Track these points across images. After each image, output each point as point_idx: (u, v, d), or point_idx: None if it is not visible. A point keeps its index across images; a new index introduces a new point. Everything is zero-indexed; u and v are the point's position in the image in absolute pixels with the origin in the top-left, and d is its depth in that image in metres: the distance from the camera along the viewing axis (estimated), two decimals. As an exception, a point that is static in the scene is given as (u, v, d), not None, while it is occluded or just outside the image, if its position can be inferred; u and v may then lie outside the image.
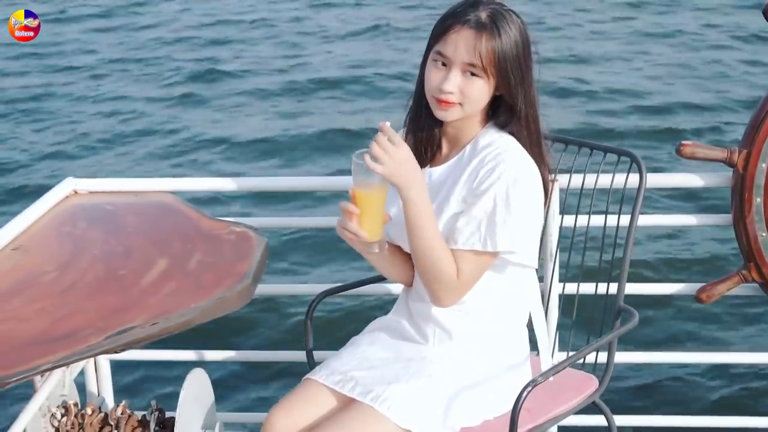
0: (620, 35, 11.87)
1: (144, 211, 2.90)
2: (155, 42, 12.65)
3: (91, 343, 2.05)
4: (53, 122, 9.61)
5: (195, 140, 8.81)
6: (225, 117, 9.56)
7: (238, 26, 13.35)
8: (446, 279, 2.22)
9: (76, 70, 11.42)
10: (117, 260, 2.52)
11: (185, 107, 9.90)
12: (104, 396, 3.24)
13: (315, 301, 2.70)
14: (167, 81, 10.83)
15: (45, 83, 10.91)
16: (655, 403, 3.98)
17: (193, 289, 2.33)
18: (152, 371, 4.31)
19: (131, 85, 10.82)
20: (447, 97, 2.20)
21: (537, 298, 2.48)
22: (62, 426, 2.60)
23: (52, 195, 2.99)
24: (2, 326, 2.17)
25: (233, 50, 12.11)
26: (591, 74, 10.23)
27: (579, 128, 8.36)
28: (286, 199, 6.78)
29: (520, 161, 2.22)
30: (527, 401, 2.44)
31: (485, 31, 2.16)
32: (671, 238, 5.67)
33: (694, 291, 2.96)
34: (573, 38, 11.75)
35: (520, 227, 2.20)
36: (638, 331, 4.48)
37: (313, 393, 2.37)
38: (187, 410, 2.54)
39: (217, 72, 11.01)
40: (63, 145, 8.85)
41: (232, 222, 2.76)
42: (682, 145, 2.82)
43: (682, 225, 3.03)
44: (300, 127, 8.93)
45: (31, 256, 2.58)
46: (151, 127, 9.31)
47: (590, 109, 9.11)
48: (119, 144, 8.85)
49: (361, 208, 2.14)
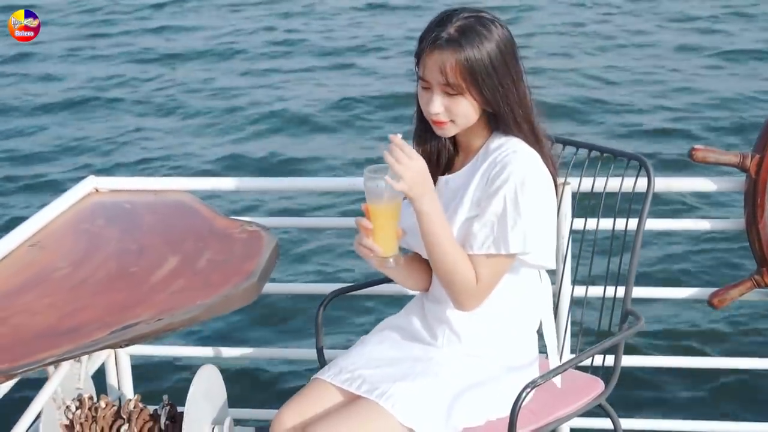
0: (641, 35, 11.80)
1: (161, 210, 2.96)
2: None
3: (96, 338, 2.11)
4: (90, 118, 9.77)
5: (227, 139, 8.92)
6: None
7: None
8: (466, 284, 2.24)
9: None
10: (129, 258, 2.57)
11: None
12: (123, 390, 3.31)
13: (326, 300, 2.74)
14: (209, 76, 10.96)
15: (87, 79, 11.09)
16: (662, 408, 3.96)
17: (200, 287, 2.38)
18: (173, 367, 4.39)
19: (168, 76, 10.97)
20: (437, 118, 2.24)
21: (548, 300, 2.49)
22: (76, 418, 2.66)
23: (72, 193, 3.06)
24: (13, 320, 2.23)
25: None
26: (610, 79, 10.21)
27: (598, 131, 8.36)
28: (306, 198, 6.84)
29: (527, 162, 2.23)
30: (531, 402, 2.47)
31: (450, 48, 2.16)
32: (684, 243, 5.64)
33: (707, 296, 2.95)
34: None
35: (532, 227, 2.21)
36: (649, 335, 4.51)
37: (322, 392, 2.40)
38: (195, 405, 2.59)
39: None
40: (96, 142, 9.00)
41: (245, 221, 2.81)
42: (695, 150, 2.82)
43: (694, 229, 3.01)
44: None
45: (47, 252, 2.64)
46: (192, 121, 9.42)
47: (609, 111, 9.10)
48: (156, 141, 8.97)
49: (374, 223, 2.17)
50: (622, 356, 2.60)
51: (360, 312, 4.74)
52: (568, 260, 2.91)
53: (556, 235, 2.34)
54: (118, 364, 3.29)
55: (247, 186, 3.39)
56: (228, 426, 2.68)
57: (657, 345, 4.34)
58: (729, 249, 5.51)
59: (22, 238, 2.72)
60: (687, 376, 4.15)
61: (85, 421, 2.66)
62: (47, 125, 9.62)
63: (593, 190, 2.72)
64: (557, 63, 10.73)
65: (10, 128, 9.58)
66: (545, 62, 10.61)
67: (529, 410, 2.46)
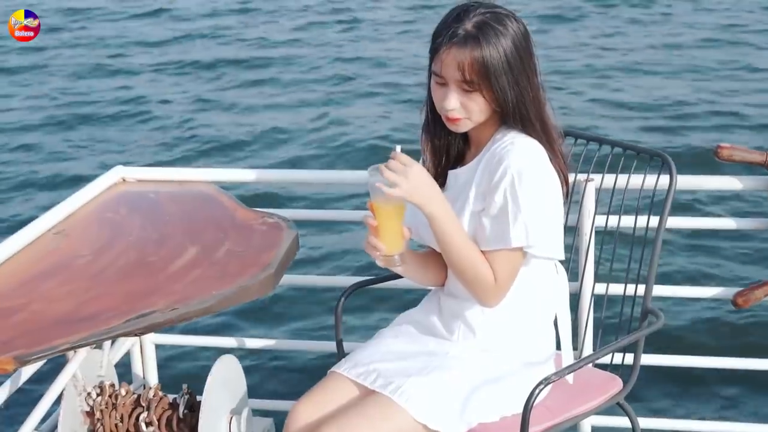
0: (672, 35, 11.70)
1: (184, 200, 2.99)
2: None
3: (111, 326, 2.13)
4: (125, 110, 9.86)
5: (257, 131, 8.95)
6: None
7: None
8: (485, 282, 2.24)
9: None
10: (149, 247, 2.60)
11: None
12: (148, 378, 3.35)
13: (345, 293, 2.74)
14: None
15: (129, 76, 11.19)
16: (682, 408, 3.92)
17: (217, 277, 2.39)
18: (199, 356, 4.43)
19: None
20: (451, 114, 2.23)
21: (564, 296, 2.48)
22: (96, 405, 2.69)
23: (100, 182, 3.09)
24: (32, 306, 2.27)
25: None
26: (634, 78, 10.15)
27: (624, 127, 8.29)
28: (332, 191, 6.85)
29: (524, 154, 2.21)
30: (548, 399, 2.46)
31: (468, 45, 2.15)
32: (710, 241, 5.58)
33: (731, 295, 2.92)
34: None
35: (532, 220, 2.20)
36: (672, 334, 4.46)
37: (337, 385, 2.41)
38: (213, 394, 2.61)
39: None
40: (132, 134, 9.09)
41: (266, 213, 2.82)
42: (720, 147, 2.79)
43: (718, 228, 2.97)
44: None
45: (70, 240, 2.68)
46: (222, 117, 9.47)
47: (636, 107, 9.03)
48: (187, 132, 9.04)
49: (378, 220, 2.18)
50: (641, 355, 2.59)
51: (380, 304, 4.77)
52: (590, 257, 2.89)
53: (562, 226, 2.32)
54: (143, 353, 3.33)
55: (271, 178, 3.41)
56: (245, 416, 2.69)
57: (680, 344, 4.30)
58: (755, 248, 5.45)
59: (48, 225, 2.76)
60: (709, 377, 4.10)
61: (105, 408, 2.69)
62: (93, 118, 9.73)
63: (615, 187, 2.70)
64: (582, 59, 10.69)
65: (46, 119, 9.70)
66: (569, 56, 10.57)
67: (544, 407, 2.45)
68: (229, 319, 5.10)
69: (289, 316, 5.07)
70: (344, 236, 6.16)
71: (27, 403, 2.53)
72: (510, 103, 2.20)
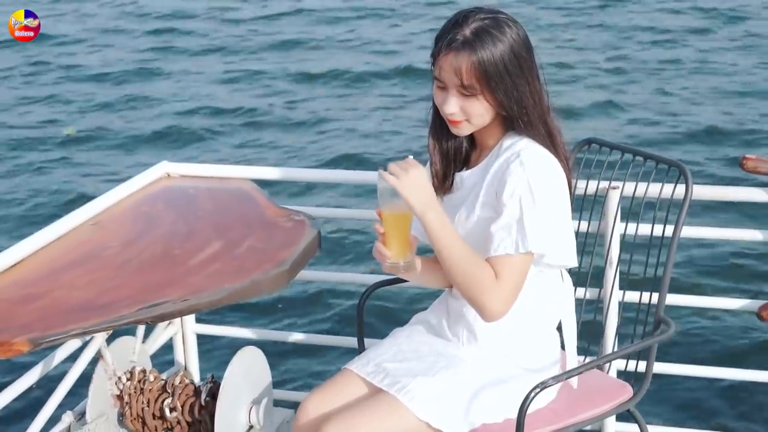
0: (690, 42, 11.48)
1: (220, 196, 3.09)
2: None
3: (122, 314, 2.24)
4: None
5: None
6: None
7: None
8: (485, 285, 2.21)
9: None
10: (176, 240, 2.71)
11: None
12: (190, 366, 3.47)
13: (367, 291, 2.82)
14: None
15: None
16: (692, 419, 3.87)
17: (232, 272, 2.49)
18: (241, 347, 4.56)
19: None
20: (452, 117, 2.28)
21: (570, 302, 2.50)
22: (125, 389, 2.82)
23: (145, 176, 3.22)
24: (55, 293, 2.40)
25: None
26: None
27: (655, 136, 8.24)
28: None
29: (538, 162, 2.24)
30: (555, 402, 2.49)
31: (465, 50, 2.19)
32: (736, 253, 5.46)
33: (756, 308, 2.90)
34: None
35: (546, 227, 2.23)
36: (693, 344, 4.40)
37: (348, 382, 2.47)
38: (232, 384, 2.71)
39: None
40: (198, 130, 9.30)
41: (294, 211, 2.90)
42: (745, 159, 2.77)
43: (739, 239, 2.94)
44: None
45: (104, 231, 2.81)
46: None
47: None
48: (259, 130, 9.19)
49: (386, 228, 2.23)
50: (653, 363, 2.59)
51: (401, 303, 4.83)
52: (614, 264, 2.90)
53: (573, 234, 2.34)
54: (185, 342, 3.45)
55: (311, 177, 3.50)
56: (264, 407, 2.79)
57: (701, 356, 4.24)
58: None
59: (87, 216, 2.89)
60: (724, 388, 4.04)
61: (133, 393, 2.82)
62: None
63: (634, 195, 2.71)
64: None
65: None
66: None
67: (550, 410, 2.48)
68: (275, 311, 5.26)
69: (332, 309, 5.22)
70: (372, 234, 6.22)
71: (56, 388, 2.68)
72: (511, 107, 2.24)
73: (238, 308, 5.11)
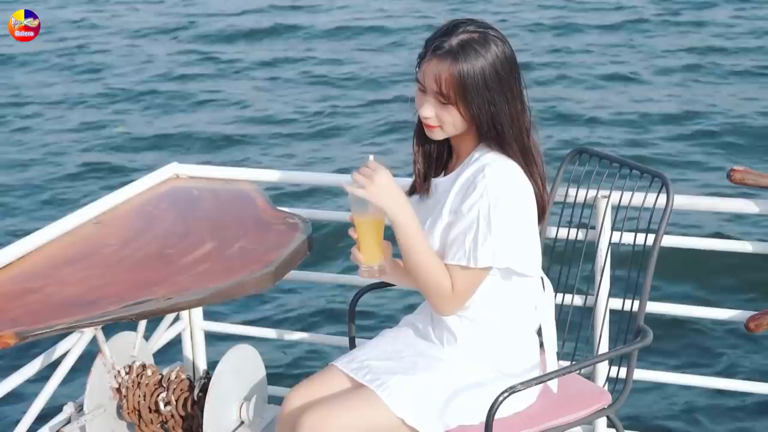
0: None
1: (222, 197, 3.17)
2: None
3: (107, 311, 2.33)
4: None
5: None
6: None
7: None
8: (441, 291, 2.34)
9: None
10: (172, 240, 2.80)
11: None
12: (197, 362, 3.56)
13: (358, 294, 2.88)
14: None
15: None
16: (677, 428, 3.86)
17: (220, 272, 2.57)
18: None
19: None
20: (426, 121, 2.34)
21: (548, 307, 2.54)
22: (123, 383, 2.92)
23: (153, 176, 3.31)
24: (48, 289, 2.50)
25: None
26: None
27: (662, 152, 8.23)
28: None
29: (503, 177, 2.29)
30: (533, 407, 2.54)
31: (448, 59, 2.24)
32: (724, 263, 5.41)
33: (744, 318, 2.91)
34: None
35: (502, 243, 2.28)
36: (680, 354, 4.38)
37: (332, 378, 2.55)
38: (222, 380, 2.80)
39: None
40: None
41: (289, 213, 2.98)
42: (733, 171, 2.79)
43: (728, 250, 2.96)
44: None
45: (105, 229, 2.91)
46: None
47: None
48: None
49: (358, 233, 2.32)
50: (634, 371, 2.62)
51: (392, 304, 4.88)
52: (606, 273, 2.93)
53: (538, 245, 2.39)
54: (192, 338, 3.54)
55: (317, 180, 3.57)
56: (255, 403, 2.87)
57: (687, 364, 4.22)
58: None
59: (93, 214, 2.99)
60: (706, 397, 4.02)
61: (130, 386, 2.92)
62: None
63: (620, 205, 2.75)
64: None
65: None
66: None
67: (527, 414, 2.52)
68: (283, 310, 5.35)
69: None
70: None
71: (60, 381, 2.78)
72: (484, 121, 2.29)
73: (250, 306, 5.20)
